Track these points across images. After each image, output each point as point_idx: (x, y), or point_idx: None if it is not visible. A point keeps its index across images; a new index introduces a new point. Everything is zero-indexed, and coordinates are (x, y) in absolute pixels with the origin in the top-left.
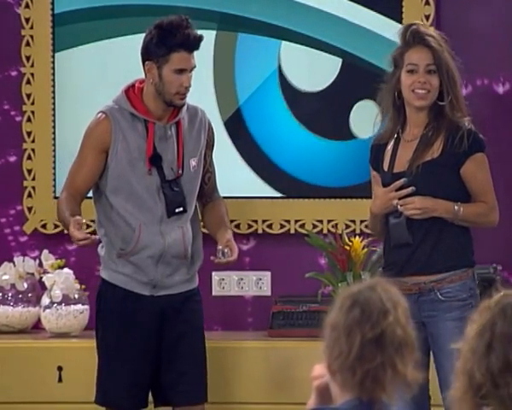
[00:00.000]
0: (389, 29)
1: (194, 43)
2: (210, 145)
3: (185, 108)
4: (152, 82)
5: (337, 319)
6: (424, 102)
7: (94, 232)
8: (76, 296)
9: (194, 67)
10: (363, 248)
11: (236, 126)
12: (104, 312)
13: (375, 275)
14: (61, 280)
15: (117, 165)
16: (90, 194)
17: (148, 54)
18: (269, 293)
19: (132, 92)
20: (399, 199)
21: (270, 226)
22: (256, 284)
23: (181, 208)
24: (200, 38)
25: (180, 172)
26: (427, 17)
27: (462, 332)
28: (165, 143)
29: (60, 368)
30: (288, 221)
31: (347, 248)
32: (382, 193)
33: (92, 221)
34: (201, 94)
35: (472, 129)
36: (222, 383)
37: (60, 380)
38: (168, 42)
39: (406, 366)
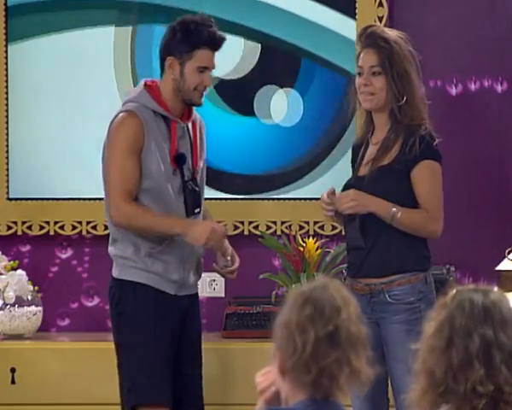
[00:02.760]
0: (342, 25)
1: (218, 43)
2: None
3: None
4: (172, 78)
5: (289, 316)
6: (369, 104)
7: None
8: (29, 298)
9: (214, 67)
10: (317, 249)
11: None
12: (135, 312)
13: (328, 276)
14: (14, 282)
15: (150, 165)
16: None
17: (170, 50)
18: (222, 294)
19: (151, 89)
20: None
21: None
22: (210, 285)
23: (198, 209)
24: (224, 39)
25: (197, 172)
26: (381, 19)
27: (409, 335)
28: (183, 142)
29: (13, 370)
30: (242, 222)
31: (301, 249)
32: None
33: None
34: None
35: (426, 136)
36: None
37: (13, 382)
38: (193, 39)
39: (361, 363)
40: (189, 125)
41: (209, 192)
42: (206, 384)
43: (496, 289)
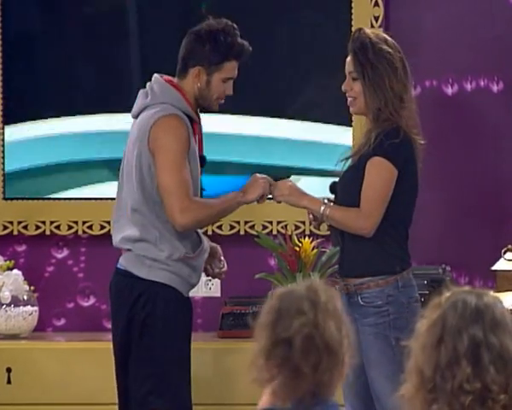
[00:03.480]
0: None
1: (246, 55)
2: None
3: None
4: (198, 87)
5: (261, 317)
6: (352, 108)
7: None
8: (25, 298)
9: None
10: (313, 249)
11: None
12: (166, 315)
13: (324, 276)
14: (10, 281)
15: (194, 170)
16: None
17: (197, 59)
18: (218, 294)
19: (179, 90)
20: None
21: (219, 227)
22: (205, 285)
23: None
24: (250, 50)
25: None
26: (377, 19)
27: (377, 338)
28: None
29: (9, 370)
30: (238, 222)
31: (297, 249)
32: None
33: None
34: None
35: (381, 133)
36: None
37: (9, 382)
38: (224, 51)
39: (317, 370)
40: None
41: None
42: (202, 384)
43: (491, 292)
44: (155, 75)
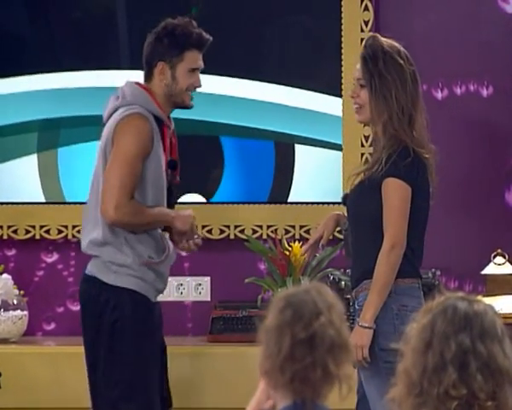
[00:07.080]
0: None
1: (206, 44)
2: None
3: None
4: (165, 83)
5: (270, 320)
6: (358, 116)
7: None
8: (15, 302)
9: (202, 67)
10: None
11: None
12: (135, 320)
13: (314, 280)
14: (0, 286)
15: (156, 172)
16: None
17: (158, 55)
18: (208, 298)
19: (150, 93)
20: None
21: (209, 232)
22: (195, 289)
23: None
24: (210, 40)
25: (178, 178)
26: (366, 23)
27: None
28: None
29: None
30: (228, 226)
31: (287, 253)
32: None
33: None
34: None
35: (393, 154)
36: None
37: None
38: (182, 41)
39: (339, 367)
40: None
41: (196, 197)
42: (192, 389)
43: (484, 299)
44: (127, 80)
